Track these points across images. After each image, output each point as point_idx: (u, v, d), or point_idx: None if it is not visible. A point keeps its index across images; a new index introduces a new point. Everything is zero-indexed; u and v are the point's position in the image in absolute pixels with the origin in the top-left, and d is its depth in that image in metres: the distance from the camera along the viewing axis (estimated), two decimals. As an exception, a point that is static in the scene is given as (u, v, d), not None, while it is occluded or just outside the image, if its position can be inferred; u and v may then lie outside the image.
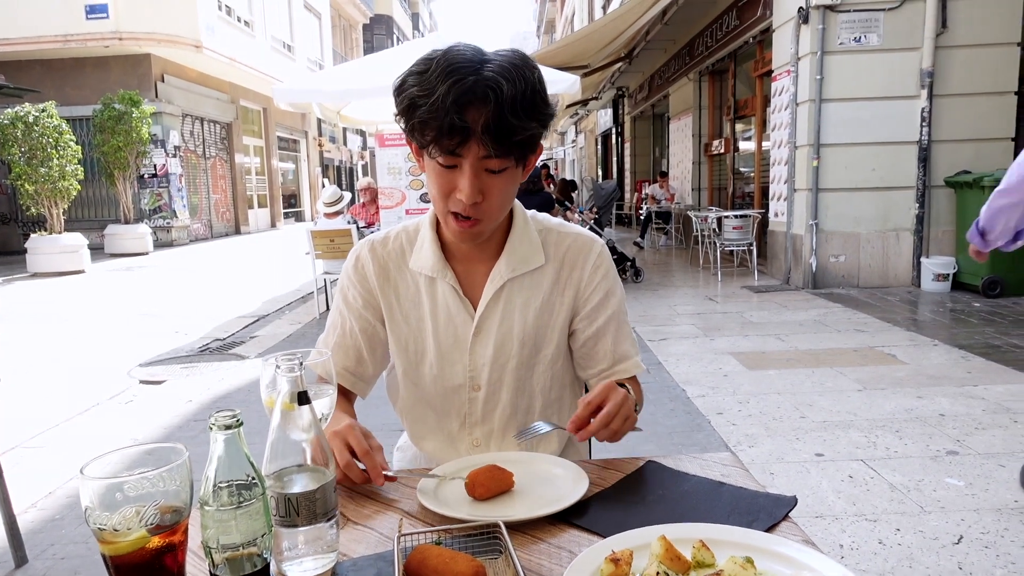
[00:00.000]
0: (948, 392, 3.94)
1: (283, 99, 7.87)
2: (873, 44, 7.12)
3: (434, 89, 1.05)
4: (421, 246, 1.31)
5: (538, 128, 1.11)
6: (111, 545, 0.70)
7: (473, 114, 1.05)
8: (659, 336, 5.62)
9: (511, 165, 1.13)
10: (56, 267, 11.24)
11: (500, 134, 1.06)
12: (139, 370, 5.25)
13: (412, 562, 0.80)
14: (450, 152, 1.09)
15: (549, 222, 1.35)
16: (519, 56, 1.11)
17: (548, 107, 1.13)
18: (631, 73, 15.87)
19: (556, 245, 1.32)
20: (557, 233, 1.33)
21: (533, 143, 1.14)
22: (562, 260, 1.31)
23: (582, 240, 1.33)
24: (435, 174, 1.14)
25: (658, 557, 0.80)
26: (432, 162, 1.13)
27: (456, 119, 1.04)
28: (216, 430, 0.74)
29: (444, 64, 1.06)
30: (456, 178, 1.12)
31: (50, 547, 2.62)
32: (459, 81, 1.04)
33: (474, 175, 1.10)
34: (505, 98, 1.04)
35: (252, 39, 19.24)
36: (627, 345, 1.34)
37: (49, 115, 11.38)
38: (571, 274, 1.31)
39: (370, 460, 1.07)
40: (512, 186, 1.17)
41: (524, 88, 1.07)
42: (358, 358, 1.34)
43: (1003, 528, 2.46)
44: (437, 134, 1.07)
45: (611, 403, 1.09)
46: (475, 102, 1.05)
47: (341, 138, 31.80)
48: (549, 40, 38.24)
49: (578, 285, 1.31)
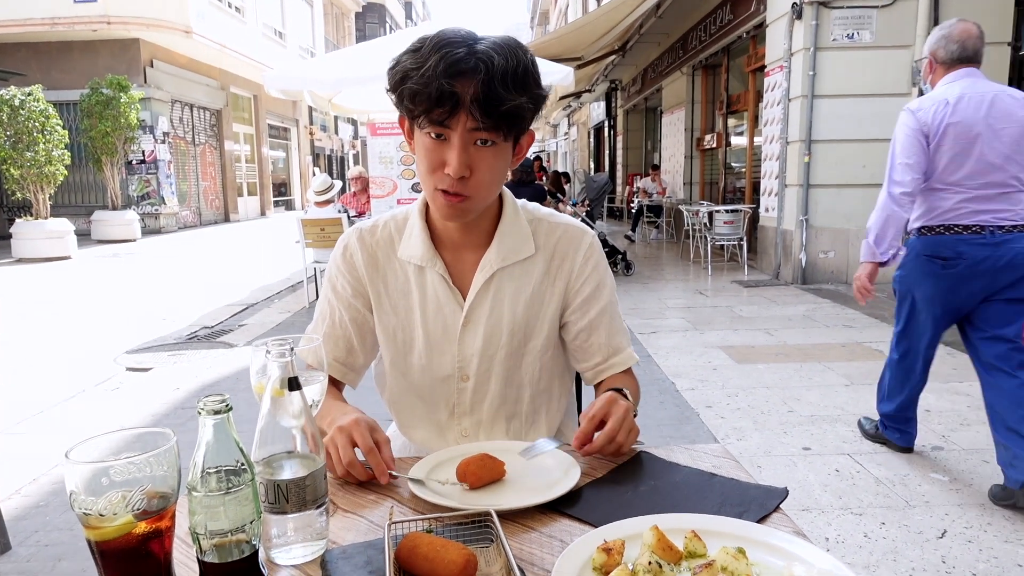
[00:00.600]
0: (933, 388, 3.96)
1: (274, 86, 7.79)
2: (866, 41, 7.14)
3: (426, 60, 1.06)
4: (410, 234, 1.29)
5: (528, 104, 1.10)
6: (96, 530, 0.69)
7: (463, 84, 1.05)
8: (649, 329, 5.63)
9: (500, 140, 1.12)
10: (42, 253, 11.13)
11: (489, 104, 1.06)
12: (126, 357, 5.20)
13: (403, 550, 0.79)
14: (439, 123, 1.08)
15: (539, 211, 1.34)
16: (512, 39, 1.12)
17: (540, 88, 1.12)
18: (624, 66, 15.85)
19: (547, 235, 1.31)
20: (548, 223, 1.32)
21: (523, 119, 1.13)
22: (553, 250, 1.30)
23: (573, 230, 1.32)
24: (424, 149, 1.13)
25: (650, 547, 0.80)
26: (422, 137, 1.13)
27: (445, 84, 1.04)
28: (205, 415, 0.73)
29: (436, 39, 1.07)
30: (445, 151, 1.11)
31: (34, 534, 2.60)
32: (451, 52, 1.05)
33: (462, 147, 1.10)
34: (495, 70, 1.05)
35: (243, 25, 19.06)
36: (619, 337, 1.33)
37: (35, 99, 11.24)
38: (562, 265, 1.30)
39: (375, 458, 1.05)
40: (501, 163, 1.16)
41: (516, 64, 1.07)
42: (348, 348, 1.33)
43: (986, 523, 2.48)
44: (427, 103, 1.06)
45: (613, 419, 1.09)
46: (466, 72, 1.05)
47: (332, 127, 31.62)
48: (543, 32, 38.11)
49: (569, 276, 1.30)
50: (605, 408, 1.11)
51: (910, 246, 2.85)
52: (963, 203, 2.63)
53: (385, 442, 1.08)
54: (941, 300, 2.75)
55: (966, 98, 2.64)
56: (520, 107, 1.09)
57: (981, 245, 2.60)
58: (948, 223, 2.67)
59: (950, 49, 2.74)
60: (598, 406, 1.12)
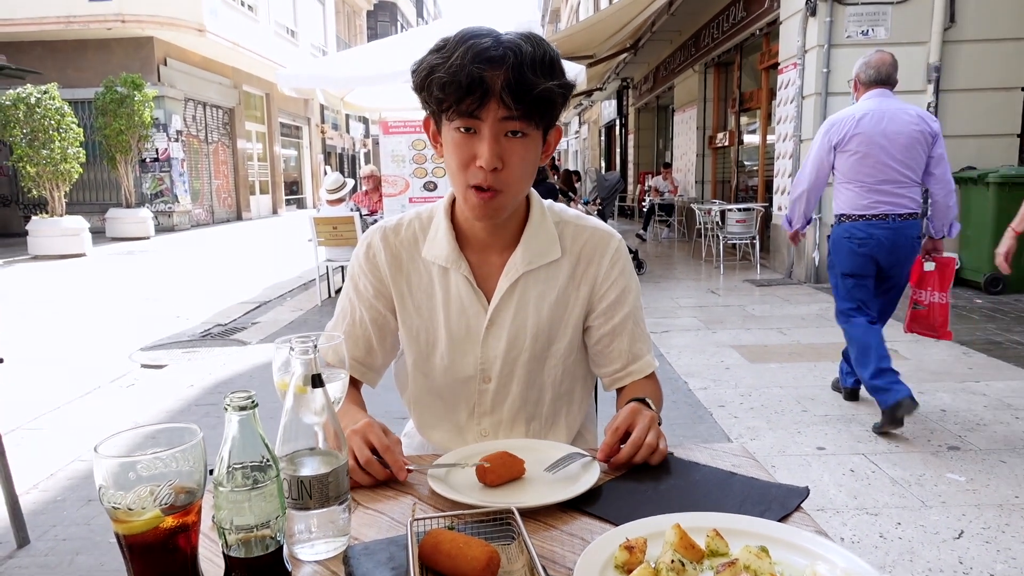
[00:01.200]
0: (949, 388, 3.94)
1: (287, 84, 7.83)
2: (881, 38, 7.08)
3: (452, 53, 1.06)
4: (435, 234, 1.27)
5: (558, 89, 1.10)
6: (125, 524, 0.70)
7: (491, 72, 1.05)
8: (661, 328, 5.61)
9: (532, 130, 1.12)
10: (57, 250, 11.23)
11: (520, 90, 1.05)
12: (140, 354, 5.25)
13: (426, 546, 0.80)
14: (469, 113, 1.07)
15: (566, 214, 1.32)
16: (535, 33, 1.12)
17: (565, 76, 1.12)
18: (636, 64, 15.79)
19: (573, 239, 1.29)
20: (575, 226, 1.30)
21: (554, 105, 1.12)
22: (579, 254, 1.29)
23: (600, 234, 1.31)
24: (453, 144, 1.12)
25: (672, 545, 0.80)
26: (451, 133, 1.12)
27: (475, 71, 1.03)
28: (231, 411, 0.74)
29: (461, 35, 1.08)
30: (475, 145, 1.10)
31: (52, 528, 2.63)
32: (478, 43, 1.05)
33: (494, 139, 1.09)
34: (524, 56, 1.05)
35: (255, 24, 19.14)
36: (640, 344, 1.32)
37: (51, 97, 11.34)
38: (587, 269, 1.29)
39: (391, 456, 1.05)
40: (532, 156, 1.15)
41: (543, 52, 1.08)
42: (368, 348, 1.32)
43: (1004, 523, 2.46)
44: (456, 92, 1.06)
45: (638, 428, 1.09)
46: (495, 60, 1.05)
47: (344, 125, 31.70)
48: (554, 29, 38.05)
49: (594, 281, 1.29)
50: (629, 419, 1.11)
51: (834, 231, 3.55)
52: (870, 195, 3.34)
53: (397, 443, 1.09)
54: (860, 270, 3.45)
55: (870, 114, 3.32)
56: (551, 91, 1.09)
57: (885, 229, 3.34)
58: (861, 213, 3.38)
59: (868, 73, 3.41)
60: (621, 418, 1.11)
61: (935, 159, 3.37)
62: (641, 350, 1.32)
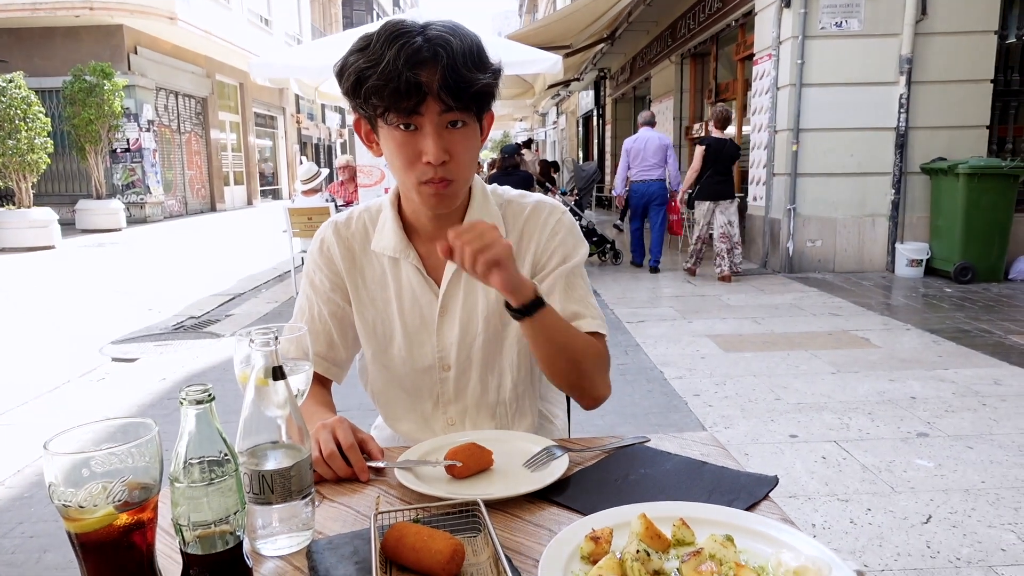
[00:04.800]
0: (919, 375, 4.00)
1: (260, 74, 7.71)
2: (854, 29, 7.14)
3: (382, 56, 1.04)
4: (383, 226, 1.28)
5: (491, 81, 1.11)
6: (77, 522, 0.68)
7: (426, 73, 1.04)
8: (637, 318, 5.64)
9: (471, 119, 1.12)
10: (25, 242, 10.99)
11: (458, 88, 1.06)
12: (111, 347, 5.16)
13: (389, 540, 0.79)
14: (409, 112, 1.07)
15: (509, 193, 1.33)
16: (457, 23, 1.12)
17: (493, 64, 1.12)
18: (613, 55, 15.79)
19: (515, 216, 1.29)
20: (517, 204, 1.31)
21: (489, 96, 1.13)
22: (521, 231, 1.29)
23: (540, 207, 1.30)
24: (396, 144, 1.11)
25: (638, 535, 0.80)
26: (390, 133, 1.11)
27: (411, 76, 1.03)
28: (187, 405, 0.72)
29: (386, 33, 1.06)
30: (418, 141, 1.10)
31: (19, 525, 2.58)
32: (407, 43, 1.04)
33: (437, 133, 1.09)
34: (456, 53, 1.05)
35: (228, 12, 18.82)
36: (577, 306, 1.24)
37: (17, 86, 11.06)
38: (529, 243, 1.28)
39: (355, 454, 1.04)
40: (475, 142, 1.15)
41: (470, 44, 1.08)
42: (329, 343, 1.31)
43: (970, 508, 2.51)
44: (393, 97, 1.05)
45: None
46: (426, 62, 1.04)
47: (320, 115, 31.36)
48: (531, 19, 37.91)
49: (535, 252, 1.28)
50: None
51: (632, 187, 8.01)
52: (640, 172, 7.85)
53: (369, 439, 1.08)
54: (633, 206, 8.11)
55: (641, 137, 7.82)
56: (487, 84, 1.10)
57: (645, 184, 7.85)
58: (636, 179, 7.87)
59: (644, 117, 8.06)
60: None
61: (669, 157, 7.84)
62: (579, 311, 1.24)
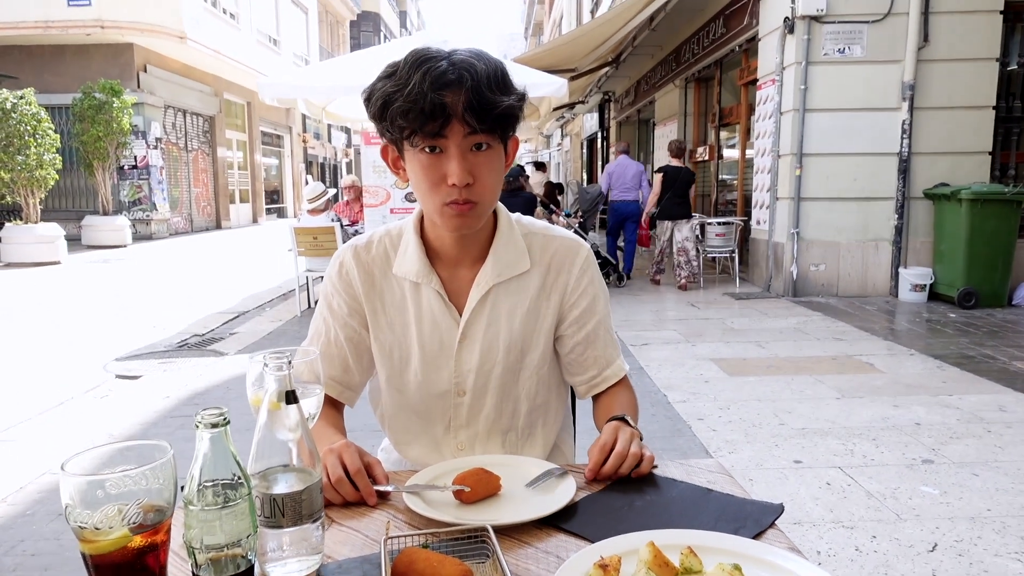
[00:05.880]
0: (924, 401, 3.99)
1: (268, 94, 7.79)
2: (857, 56, 7.21)
3: (408, 80, 1.07)
4: (405, 251, 1.29)
5: (515, 104, 1.13)
6: (92, 544, 0.69)
7: (452, 96, 1.06)
8: (641, 341, 5.64)
9: (495, 142, 1.14)
10: (31, 257, 11.05)
11: (482, 109, 1.07)
12: (115, 364, 5.17)
13: (399, 565, 0.79)
14: (434, 135, 1.09)
15: (534, 225, 1.34)
16: (481, 50, 1.15)
17: (517, 88, 1.14)
18: (618, 78, 15.93)
19: (542, 249, 1.31)
20: (543, 236, 1.32)
21: (514, 119, 1.15)
22: (548, 264, 1.30)
23: (568, 244, 1.33)
24: (420, 167, 1.13)
25: (646, 563, 0.80)
26: (416, 156, 1.13)
27: (436, 98, 1.05)
28: (202, 428, 0.73)
29: (412, 59, 1.09)
30: (443, 164, 1.11)
31: (20, 543, 2.57)
32: (432, 68, 1.06)
33: (461, 155, 1.10)
34: (480, 76, 1.07)
35: (237, 32, 19.06)
36: (611, 349, 1.35)
37: (27, 102, 11.18)
38: (557, 279, 1.30)
39: (362, 479, 1.05)
40: (499, 165, 1.17)
41: (495, 68, 1.10)
42: (344, 367, 1.32)
43: (976, 536, 2.49)
44: (419, 119, 1.07)
45: (621, 442, 1.12)
46: (451, 84, 1.06)
47: (326, 135, 31.61)
48: (537, 42, 38.29)
49: (564, 290, 1.31)
50: (612, 435, 1.13)
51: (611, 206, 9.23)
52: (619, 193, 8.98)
53: (376, 463, 1.09)
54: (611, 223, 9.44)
55: (621, 163, 9.07)
56: (511, 107, 1.12)
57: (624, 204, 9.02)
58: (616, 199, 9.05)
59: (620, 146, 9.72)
60: (606, 436, 1.14)
61: (643, 182, 8.98)
62: (612, 355, 1.35)
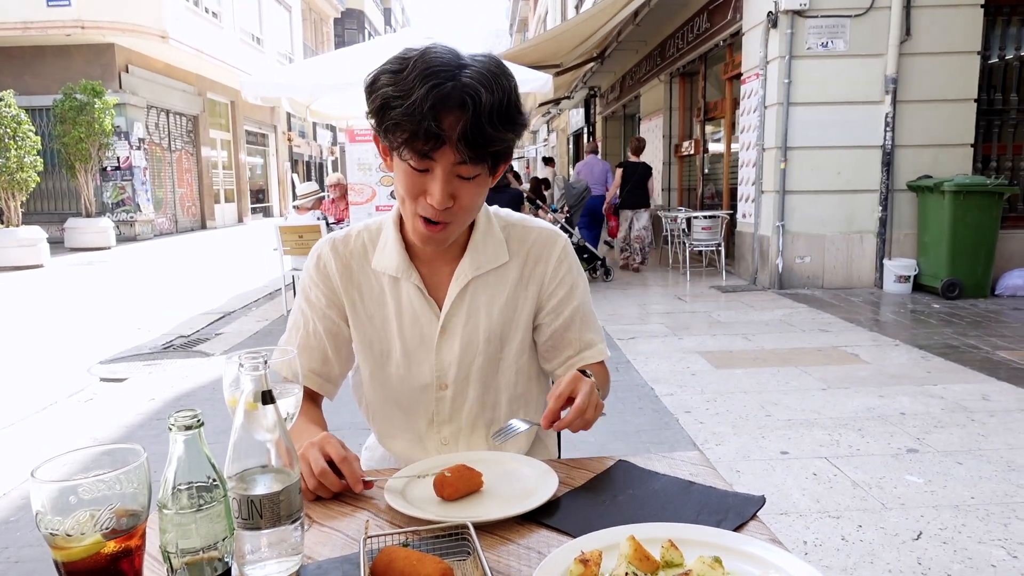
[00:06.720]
0: (908, 391, 4.02)
1: (252, 93, 7.73)
2: (840, 50, 7.25)
3: (411, 91, 1.02)
4: (384, 246, 1.29)
5: (513, 138, 1.10)
6: (64, 551, 0.68)
7: (450, 120, 1.03)
8: (628, 335, 5.65)
9: (483, 172, 1.12)
10: (13, 261, 10.92)
11: (476, 143, 1.05)
12: (100, 367, 5.12)
13: (378, 564, 0.79)
14: (423, 155, 1.07)
15: (512, 217, 1.35)
16: (496, 63, 1.09)
17: (522, 116, 1.11)
18: (603, 73, 15.94)
19: (520, 241, 1.31)
20: (521, 228, 1.33)
21: (507, 152, 1.13)
22: (526, 255, 1.31)
23: (545, 234, 1.33)
24: (405, 175, 1.12)
25: (627, 557, 0.80)
26: (402, 163, 1.11)
27: (432, 124, 1.02)
28: (176, 431, 0.72)
29: (422, 66, 1.03)
30: (427, 182, 1.10)
31: (4, 550, 2.54)
32: (437, 85, 1.01)
33: (446, 180, 1.09)
34: (483, 107, 1.03)
35: (220, 30, 18.91)
36: (591, 334, 1.35)
37: (7, 104, 11.05)
38: (535, 269, 1.31)
39: (348, 466, 1.04)
40: (483, 191, 1.16)
41: (501, 97, 1.05)
42: (323, 359, 1.32)
43: (960, 524, 2.52)
44: (411, 137, 1.04)
45: (581, 395, 1.08)
46: (453, 109, 1.03)
47: (311, 133, 31.45)
48: (522, 38, 38.24)
49: (542, 280, 1.31)
50: (571, 386, 1.10)
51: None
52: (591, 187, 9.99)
53: (355, 458, 1.08)
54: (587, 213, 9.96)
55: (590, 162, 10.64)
56: (506, 142, 1.09)
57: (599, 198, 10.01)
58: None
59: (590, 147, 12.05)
60: (563, 384, 1.11)
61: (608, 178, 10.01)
62: (593, 339, 1.34)
